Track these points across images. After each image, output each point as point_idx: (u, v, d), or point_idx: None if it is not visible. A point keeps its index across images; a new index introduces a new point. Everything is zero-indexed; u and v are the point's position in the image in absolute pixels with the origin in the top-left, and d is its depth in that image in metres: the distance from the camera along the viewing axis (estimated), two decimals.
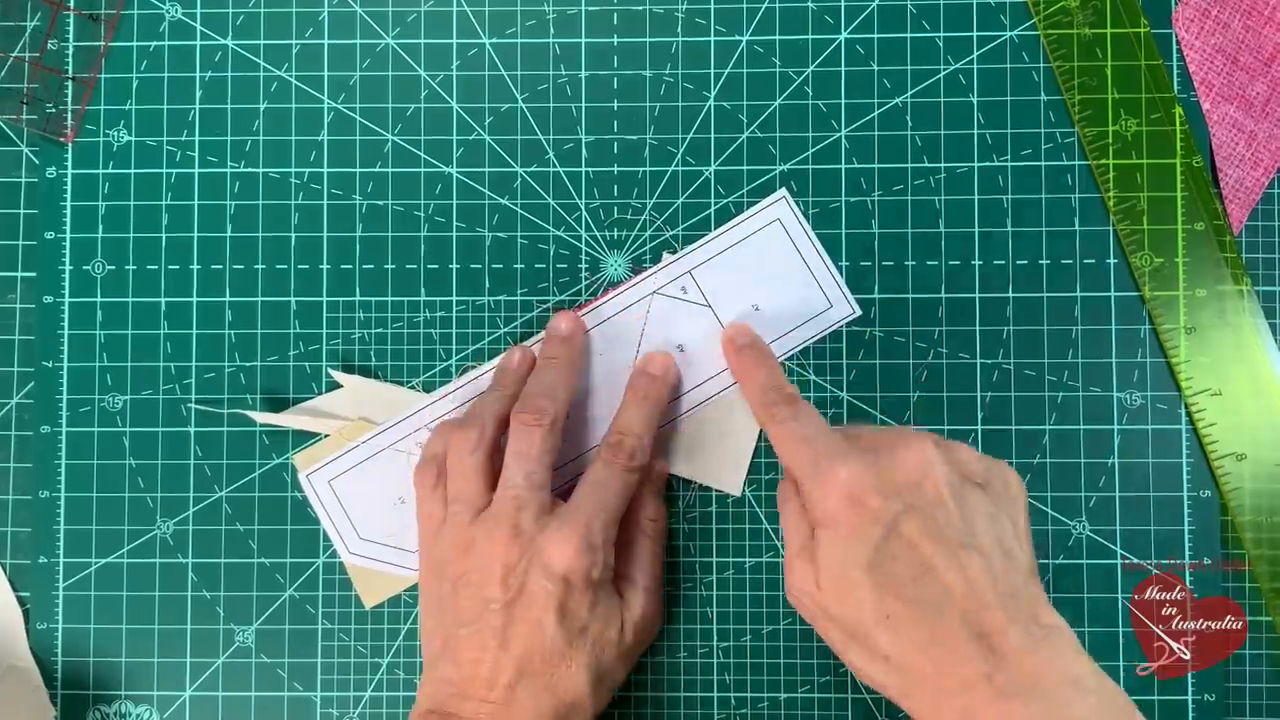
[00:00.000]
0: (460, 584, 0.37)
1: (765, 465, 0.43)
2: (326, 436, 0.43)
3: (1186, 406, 0.43)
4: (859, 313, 0.43)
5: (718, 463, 0.43)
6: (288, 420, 0.43)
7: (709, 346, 0.43)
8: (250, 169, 0.45)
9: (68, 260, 0.45)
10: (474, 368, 0.44)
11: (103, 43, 0.45)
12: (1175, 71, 0.43)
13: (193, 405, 0.44)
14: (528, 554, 0.36)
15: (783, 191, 0.42)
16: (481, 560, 0.37)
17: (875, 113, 0.44)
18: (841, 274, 0.43)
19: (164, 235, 0.45)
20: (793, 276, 0.43)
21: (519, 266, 0.44)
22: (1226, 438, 0.42)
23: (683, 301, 0.43)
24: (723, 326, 0.43)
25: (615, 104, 0.44)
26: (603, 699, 0.38)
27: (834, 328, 0.43)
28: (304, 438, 0.44)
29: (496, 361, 0.43)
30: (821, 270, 0.43)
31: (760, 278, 0.43)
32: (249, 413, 0.44)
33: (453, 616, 0.37)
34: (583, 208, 0.44)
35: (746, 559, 0.43)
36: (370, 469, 0.43)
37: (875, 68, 0.44)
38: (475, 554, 0.37)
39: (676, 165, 0.44)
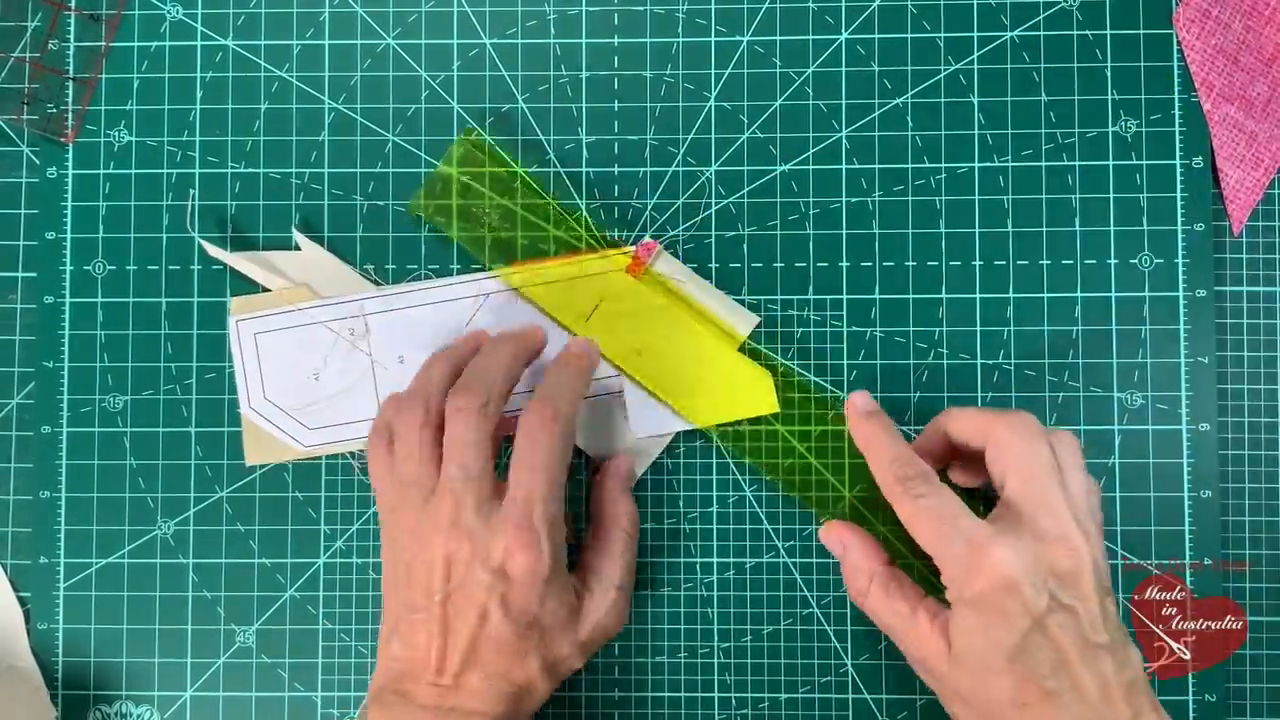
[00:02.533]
0: (410, 568, 0.37)
1: (765, 466, 0.43)
2: (268, 291, 0.44)
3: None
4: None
5: (626, 450, 0.44)
6: (237, 261, 0.44)
7: None
8: (251, 169, 0.45)
9: (68, 260, 0.45)
10: (428, 277, 0.44)
11: (103, 43, 0.45)
12: (1176, 72, 0.43)
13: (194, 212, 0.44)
14: (469, 546, 0.36)
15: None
16: (426, 550, 0.37)
17: (876, 113, 0.44)
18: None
19: (165, 235, 0.45)
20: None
21: None
22: None
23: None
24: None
25: (616, 104, 0.44)
26: (555, 682, 0.38)
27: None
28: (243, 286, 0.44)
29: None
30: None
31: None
32: (207, 244, 0.44)
33: (404, 599, 0.37)
34: (583, 208, 0.44)
35: (747, 559, 0.43)
36: (297, 337, 0.43)
37: (876, 68, 0.44)
38: (422, 541, 0.37)
39: (677, 165, 0.44)
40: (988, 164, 0.44)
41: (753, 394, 0.43)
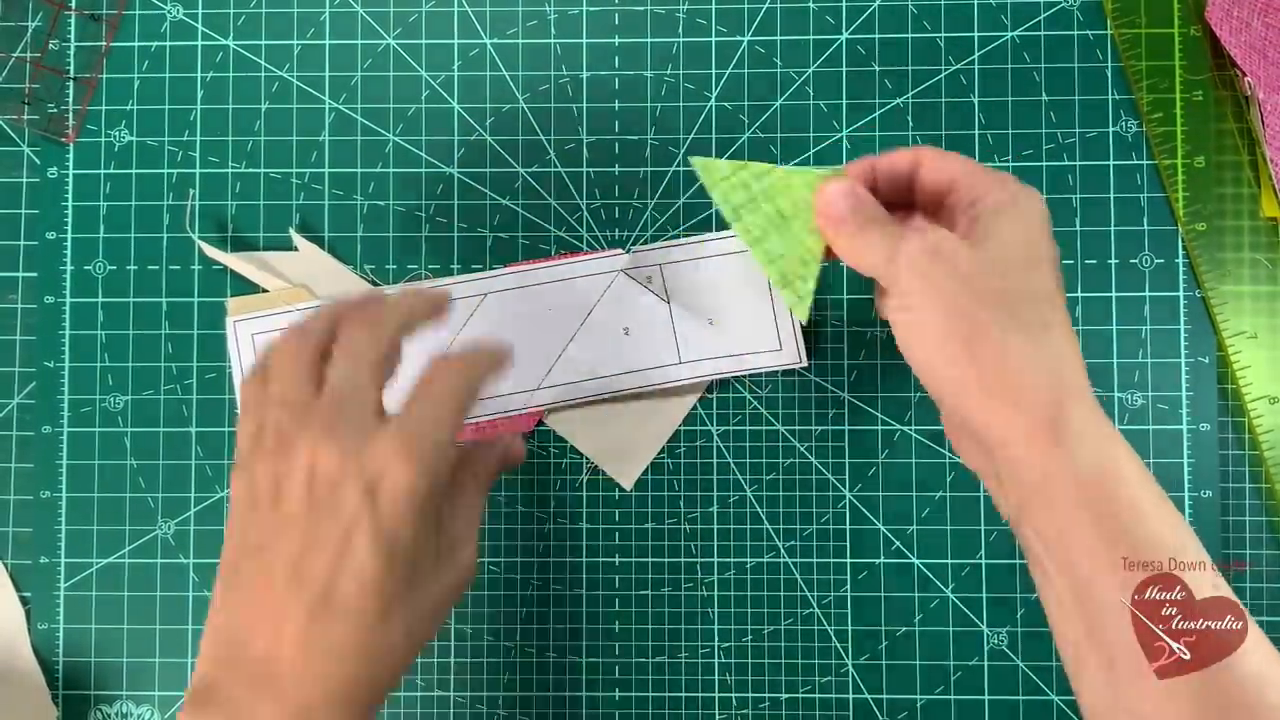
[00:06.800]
0: (261, 496, 0.30)
1: (766, 465, 0.43)
2: (265, 291, 0.44)
3: (1223, 347, 0.43)
4: (805, 364, 0.43)
5: (620, 452, 0.43)
6: (235, 263, 0.43)
7: (653, 337, 0.43)
8: (251, 169, 0.45)
9: (69, 260, 0.45)
10: (428, 277, 0.44)
11: (104, 43, 0.45)
12: (1177, 71, 0.43)
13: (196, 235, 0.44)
14: (340, 457, 0.29)
15: None
16: (285, 462, 0.30)
17: (876, 113, 0.44)
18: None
19: (165, 235, 0.45)
20: (755, 309, 0.43)
21: None
22: (1260, 380, 0.42)
23: (644, 288, 0.43)
24: (674, 325, 0.43)
25: (616, 104, 0.44)
26: (401, 666, 0.30)
27: (776, 369, 0.43)
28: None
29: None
30: (783, 314, 0.43)
31: (725, 297, 0.43)
32: (204, 244, 0.44)
33: (241, 540, 0.30)
34: (584, 208, 0.44)
35: (747, 559, 0.43)
36: None
37: (876, 68, 0.44)
38: (279, 456, 0.30)
39: (678, 165, 0.44)
40: (988, 164, 0.43)
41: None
